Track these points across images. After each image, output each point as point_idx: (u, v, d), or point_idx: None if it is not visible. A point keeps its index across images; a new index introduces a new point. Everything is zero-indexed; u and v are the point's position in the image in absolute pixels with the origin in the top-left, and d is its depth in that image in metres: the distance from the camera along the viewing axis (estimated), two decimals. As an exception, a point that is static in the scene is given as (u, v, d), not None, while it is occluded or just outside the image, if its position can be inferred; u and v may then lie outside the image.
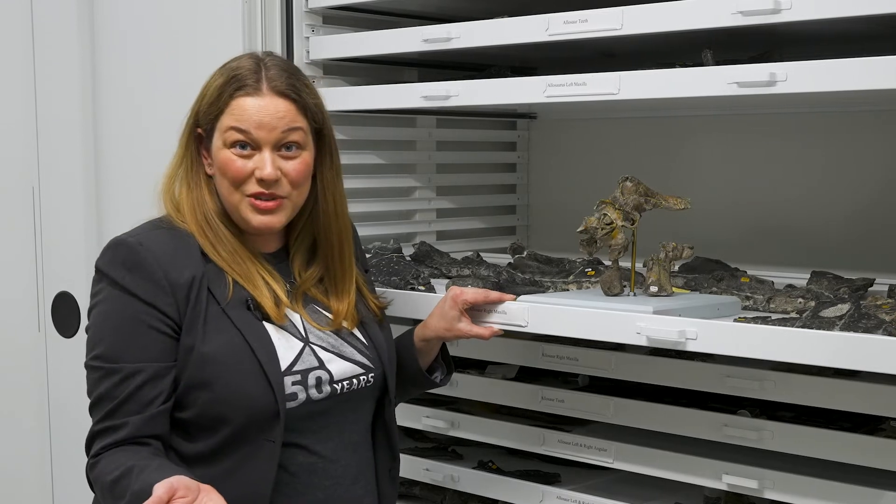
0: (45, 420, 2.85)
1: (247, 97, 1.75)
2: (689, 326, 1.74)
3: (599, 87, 1.96)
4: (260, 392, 1.70)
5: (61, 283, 2.77)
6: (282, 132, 1.75)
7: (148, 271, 1.70)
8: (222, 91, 1.77)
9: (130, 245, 1.73)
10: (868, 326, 1.67)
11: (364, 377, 1.84)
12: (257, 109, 1.74)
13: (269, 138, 1.75)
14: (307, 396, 1.75)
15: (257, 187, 1.75)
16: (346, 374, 1.81)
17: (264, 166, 1.74)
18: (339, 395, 1.79)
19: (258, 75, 1.77)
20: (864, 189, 2.43)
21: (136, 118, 2.59)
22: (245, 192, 1.76)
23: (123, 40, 2.60)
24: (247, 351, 1.71)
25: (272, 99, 1.75)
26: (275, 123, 1.74)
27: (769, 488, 1.89)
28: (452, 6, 2.46)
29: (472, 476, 2.26)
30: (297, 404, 1.74)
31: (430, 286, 2.18)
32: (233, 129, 1.75)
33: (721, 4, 1.79)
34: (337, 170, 1.87)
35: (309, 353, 1.78)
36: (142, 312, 1.69)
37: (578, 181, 2.86)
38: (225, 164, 1.76)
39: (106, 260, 1.74)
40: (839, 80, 1.70)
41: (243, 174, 1.75)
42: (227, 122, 1.75)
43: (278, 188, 1.76)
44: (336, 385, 1.79)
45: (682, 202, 1.95)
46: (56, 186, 2.77)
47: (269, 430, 1.71)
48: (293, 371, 1.74)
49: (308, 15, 2.39)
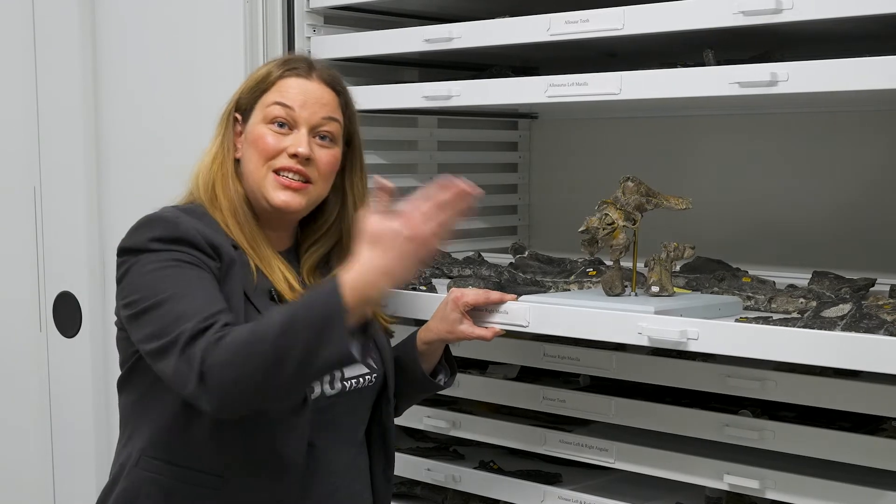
0: (46, 420, 2.85)
1: (296, 78, 1.82)
2: (690, 326, 1.74)
3: (601, 87, 1.96)
4: None
5: (62, 283, 2.77)
6: (322, 118, 1.82)
7: (190, 236, 1.67)
8: (271, 72, 1.83)
9: (167, 217, 1.71)
10: (869, 326, 1.67)
11: (368, 377, 1.85)
12: (303, 90, 1.81)
13: (309, 119, 1.80)
14: (321, 391, 1.77)
15: (287, 161, 1.79)
16: (353, 372, 1.82)
17: (300, 142, 1.79)
18: (348, 392, 1.81)
19: (310, 64, 1.86)
20: (866, 189, 2.43)
21: (138, 118, 2.59)
22: (273, 165, 1.79)
23: (125, 41, 2.60)
24: None
25: (319, 85, 1.83)
26: (317, 108, 1.81)
27: (770, 488, 1.89)
28: (454, 6, 2.46)
29: (473, 476, 2.26)
30: (315, 397, 1.75)
31: (432, 286, 2.18)
32: (276, 104, 1.80)
33: (722, 4, 1.79)
34: (365, 180, 1.92)
35: None
36: (197, 259, 1.65)
37: (580, 181, 2.86)
38: (259, 138, 1.79)
39: (141, 236, 1.69)
40: (841, 80, 1.70)
41: (276, 149, 1.79)
42: (271, 98, 1.81)
43: (309, 169, 1.80)
44: (346, 382, 1.81)
45: (684, 202, 1.95)
46: (57, 186, 2.77)
47: (293, 425, 1.71)
48: None
49: (309, 15, 2.39)
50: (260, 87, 1.83)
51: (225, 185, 1.81)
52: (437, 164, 2.79)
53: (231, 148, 1.84)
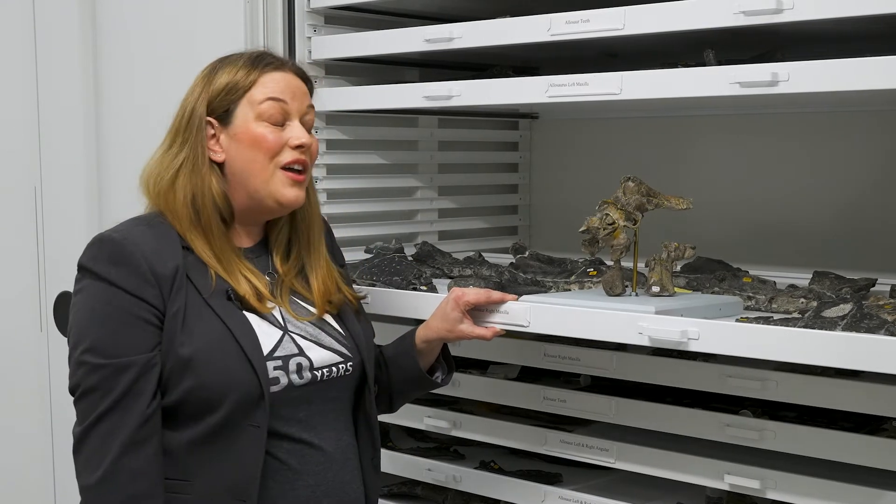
0: (46, 419, 2.85)
1: (276, 71, 1.84)
2: (691, 326, 1.74)
3: (601, 87, 1.96)
4: (244, 376, 1.73)
5: (63, 282, 2.77)
6: (307, 106, 1.87)
7: (134, 265, 1.73)
8: (250, 69, 1.83)
9: (115, 240, 1.75)
10: (870, 326, 1.67)
11: (343, 365, 1.86)
12: (287, 82, 1.85)
13: (299, 110, 1.85)
14: (289, 381, 1.77)
15: (293, 154, 1.82)
16: (325, 361, 1.83)
17: (301, 133, 1.83)
18: (320, 382, 1.82)
19: (278, 56, 1.89)
20: (866, 189, 2.43)
21: (138, 119, 2.59)
22: (280, 162, 1.82)
23: (126, 42, 2.60)
24: (229, 337, 1.74)
25: (294, 77, 1.87)
26: (302, 97, 1.87)
27: (771, 488, 1.89)
28: (454, 6, 2.46)
29: (474, 476, 2.26)
30: (279, 388, 1.76)
31: (432, 286, 2.18)
32: (271, 100, 1.82)
33: (723, 4, 1.79)
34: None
35: (288, 340, 1.81)
36: (130, 305, 1.72)
37: (580, 181, 2.86)
38: (259, 139, 1.81)
39: (90, 256, 1.77)
40: (841, 80, 1.70)
41: (279, 144, 1.82)
42: (260, 95, 1.82)
43: (308, 156, 1.85)
44: (316, 372, 1.81)
45: (684, 202, 1.95)
46: (58, 186, 2.77)
47: (255, 415, 1.73)
48: (274, 356, 1.77)
49: (310, 15, 2.40)
50: (238, 88, 1.82)
51: (186, 198, 1.80)
52: (438, 164, 2.79)
53: (203, 153, 1.83)
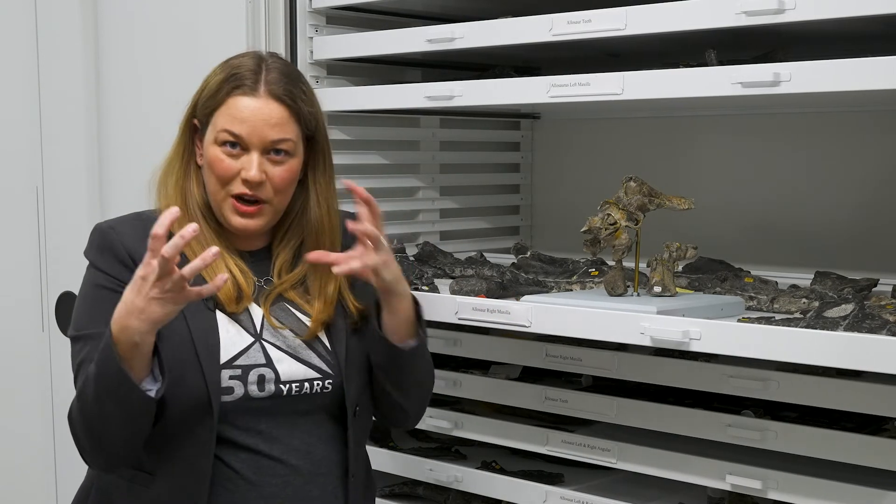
0: (48, 419, 2.85)
1: (243, 97, 1.78)
2: (692, 327, 1.74)
3: (603, 87, 1.96)
4: (194, 382, 1.71)
5: (65, 282, 2.77)
6: (271, 140, 1.78)
7: (115, 251, 1.79)
8: (221, 87, 1.79)
9: (102, 229, 1.84)
10: (872, 327, 1.67)
11: (319, 383, 1.80)
12: (251, 111, 1.77)
13: (258, 143, 1.77)
14: (245, 392, 1.75)
15: (241, 188, 1.78)
16: (295, 376, 1.78)
17: (250, 168, 1.77)
18: (287, 396, 1.77)
19: (258, 76, 1.79)
20: (868, 189, 2.43)
21: (140, 119, 2.59)
22: (230, 191, 1.79)
23: (127, 42, 2.60)
24: (187, 340, 1.73)
25: (267, 102, 1.78)
26: (266, 130, 1.77)
27: (773, 488, 1.89)
28: (456, 6, 2.46)
29: (475, 476, 2.26)
30: (232, 398, 1.74)
31: (434, 286, 2.18)
32: (224, 131, 1.78)
33: (725, 4, 1.79)
34: (330, 175, 1.89)
35: (258, 349, 1.77)
36: (106, 283, 1.78)
37: (582, 181, 2.86)
38: (213, 162, 1.79)
39: (87, 246, 1.86)
40: (843, 81, 1.70)
41: (230, 173, 1.78)
42: (220, 122, 1.78)
43: (261, 191, 1.78)
44: (282, 385, 1.77)
45: (686, 202, 1.95)
46: (60, 186, 2.77)
47: (203, 421, 1.72)
48: (234, 365, 1.75)
49: (312, 15, 2.40)
50: (210, 104, 1.80)
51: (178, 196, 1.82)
52: (440, 165, 2.79)
53: (188, 154, 1.84)
